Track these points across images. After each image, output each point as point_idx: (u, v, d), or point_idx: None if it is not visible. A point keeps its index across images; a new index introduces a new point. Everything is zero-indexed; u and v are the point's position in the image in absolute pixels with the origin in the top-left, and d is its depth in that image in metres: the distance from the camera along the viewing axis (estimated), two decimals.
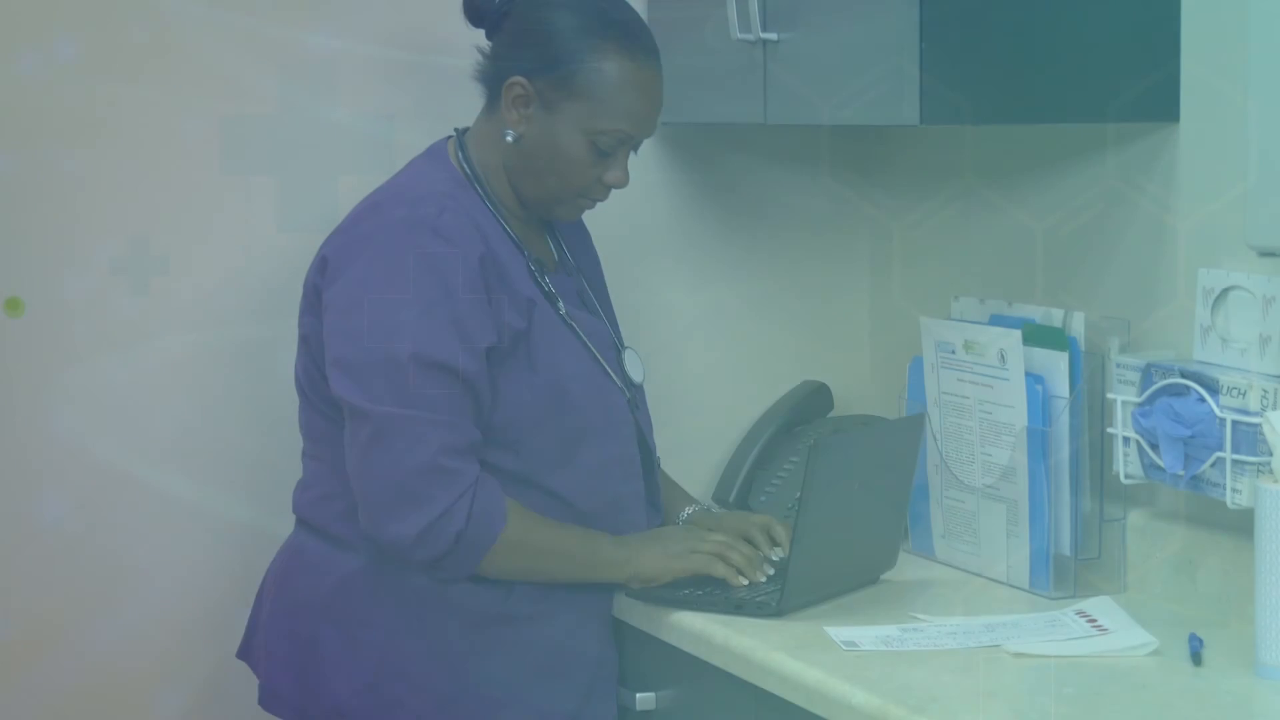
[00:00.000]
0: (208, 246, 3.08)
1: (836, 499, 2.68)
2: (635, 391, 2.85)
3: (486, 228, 2.69)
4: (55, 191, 3.00)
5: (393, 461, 2.58)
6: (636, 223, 3.25)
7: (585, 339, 2.77)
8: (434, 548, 2.59)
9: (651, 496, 2.86)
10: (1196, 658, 2.46)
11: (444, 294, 2.61)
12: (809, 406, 3.34)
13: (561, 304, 2.76)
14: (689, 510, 2.94)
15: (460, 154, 2.78)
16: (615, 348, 2.84)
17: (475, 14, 2.79)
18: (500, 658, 2.70)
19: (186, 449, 3.09)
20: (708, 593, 2.72)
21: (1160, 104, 2.75)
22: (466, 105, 2.84)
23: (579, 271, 2.91)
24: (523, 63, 2.70)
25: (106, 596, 3.06)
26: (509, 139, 2.72)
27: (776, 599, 2.67)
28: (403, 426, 2.58)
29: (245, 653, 2.87)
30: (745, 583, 2.72)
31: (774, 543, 2.83)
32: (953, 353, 2.93)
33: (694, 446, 3.32)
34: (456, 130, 2.83)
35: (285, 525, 2.93)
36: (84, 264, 3.02)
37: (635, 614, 2.78)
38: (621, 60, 2.69)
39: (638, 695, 2.80)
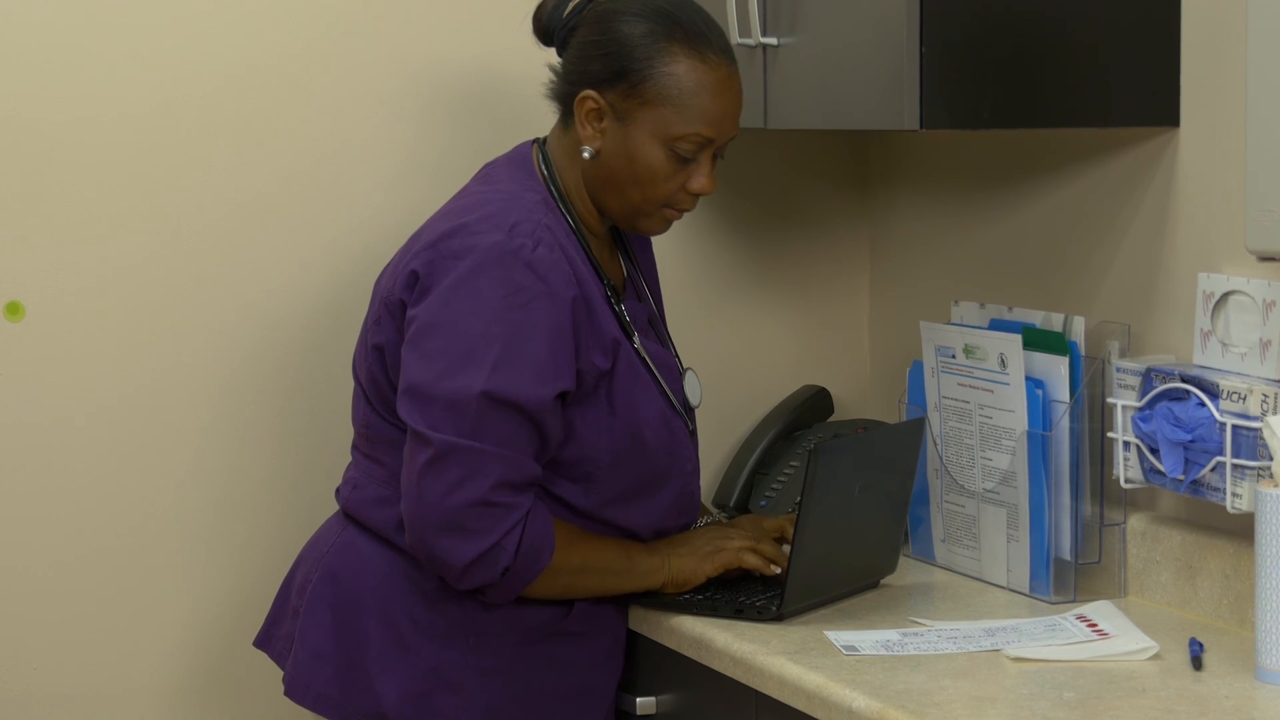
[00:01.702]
0: (216, 249, 3.08)
1: (837, 503, 2.68)
2: (691, 416, 2.84)
3: (572, 254, 2.63)
4: (62, 195, 3.01)
5: (446, 490, 2.55)
6: None
7: (657, 374, 2.73)
8: (481, 578, 2.58)
9: None
10: (1197, 662, 2.46)
11: (527, 332, 2.56)
12: (809, 411, 3.34)
13: (636, 336, 2.72)
14: (704, 520, 2.94)
15: (545, 167, 2.73)
16: (679, 375, 2.81)
17: (544, 33, 2.74)
18: (547, 674, 2.69)
19: (196, 448, 3.09)
20: (708, 597, 2.72)
21: (1160, 109, 2.75)
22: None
23: (646, 288, 2.89)
24: (592, 76, 2.65)
25: (115, 595, 3.07)
26: (586, 155, 2.66)
27: (777, 603, 2.67)
28: (462, 457, 2.54)
29: (265, 642, 2.84)
30: (777, 571, 2.72)
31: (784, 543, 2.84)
32: (953, 357, 2.93)
33: None
34: (538, 140, 2.78)
35: (296, 523, 2.94)
36: (90, 266, 3.02)
37: (636, 619, 2.78)
38: (692, 62, 2.63)
39: (638, 700, 2.80)
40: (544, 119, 2.77)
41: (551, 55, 2.75)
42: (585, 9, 2.69)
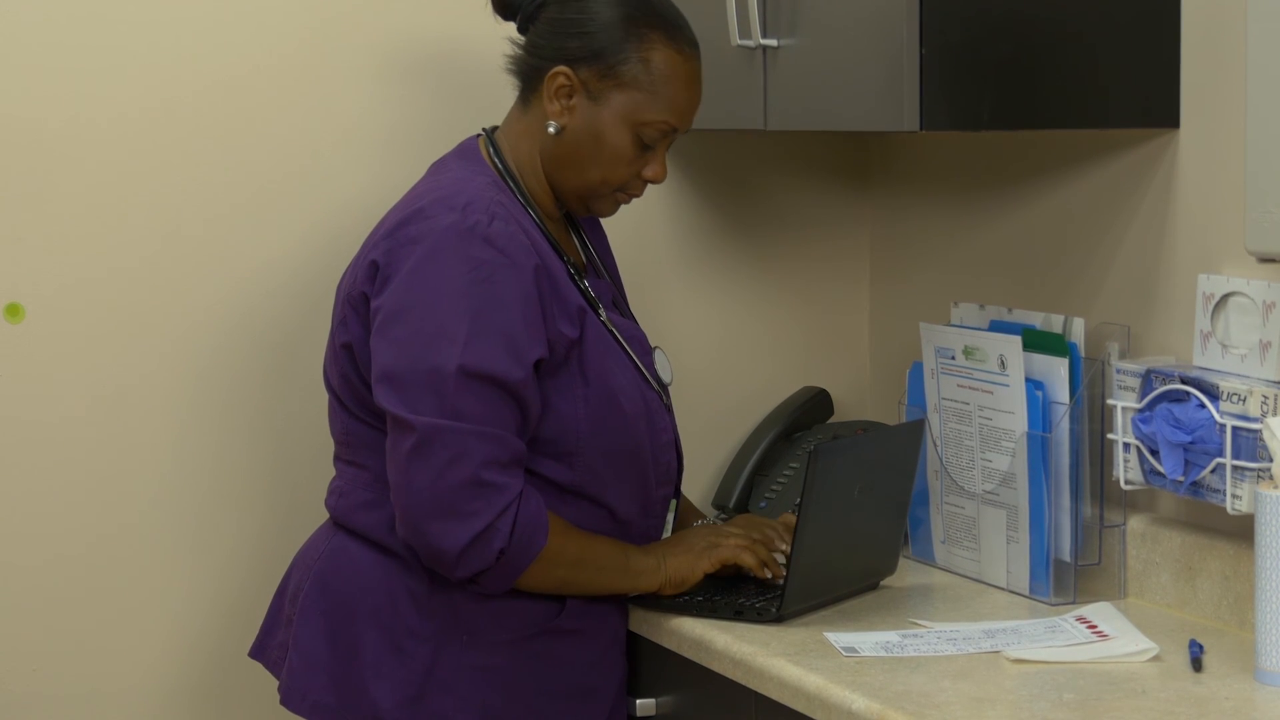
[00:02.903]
0: (215, 249, 3.08)
1: (836, 505, 2.68)
2: (665, 392, 2.84)
3: (534, 235, 2.65)
4: (61, 196, 3.00)
5: (435, 474, 2.55)
6: (636, 227, 3.25)
7: (626, 346, 2.75)
8: (476, 563, 2.57)
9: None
10: (1196, 663, 2.46)
11: (495, 304, 2.57)
12: (809, 412, 3.34)
13: (601, 310, 2.73)
14: (697, 524, 2.93)
15: (492, 152, 2.75)
16: (649, 350, 2.82)
17: (505, 8, 2.75)
18: (543, 673, 2.68)
19: (194, 451, 3.09)
20: (708, 598, 2.72)
21: (1160, 110, 2.75)
22: (479, 112, 2.84)
23: (605, 273, 2.90)
24: (566, 53, 2.67)
25: (113, 599, 3.07)
26: (551, 130, 2.68)
27: (777, 605, 2.67)
28: (447, 438, 2.54)
29: (260, 651, 2.84)
30: (769, 575, 2.72)
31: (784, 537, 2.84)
32: (952, 358, 2.93)
33: (693, 452, 3.31)
34: (485, 130, 2.80)
35: (295, 526, 2.93)
36: (89, 267, 3.02)
37: (635, 620, 2.78)
38: (669, 52, 2.67)
39: (638, 701, 2.80)
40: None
41: (510, 29, 2.77)
42: None
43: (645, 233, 3.31)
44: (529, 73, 2.72)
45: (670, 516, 2.83)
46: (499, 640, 2.66)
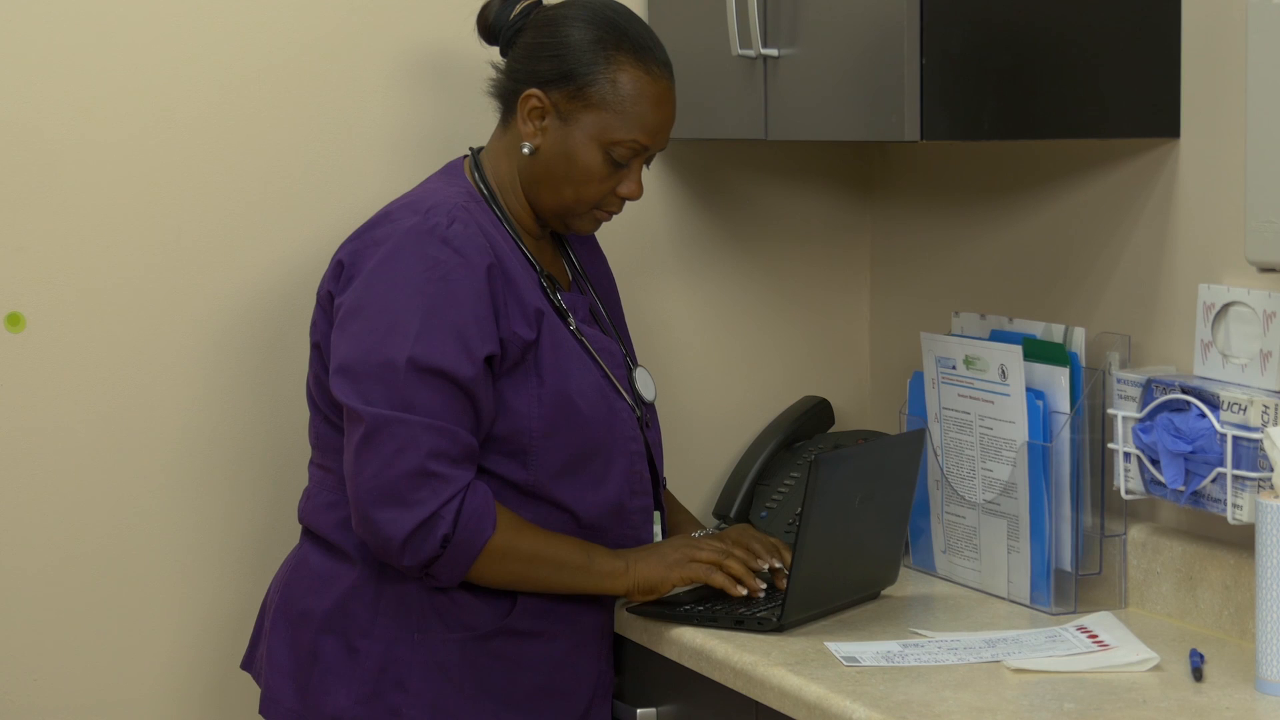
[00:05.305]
0: (215, 258, 3.08)
1: (837, 514, 2.68)
2: (646, 410, 2.85)
3: (498, 241, 2.70)
4: (62, 205, 3.00)
5: (383, 463, 2.59)
6: (637, 237, 3.25)
7: (595, 354, 2.77)
8: (421, 551, 2.60)
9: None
10: (1197, 673, 2.46)
11: (448, 302, 2.62)
12: (810, 422, 3.34)
13: (572, 319, 2.76)
14: (696, 534, 2.94)
15: (475, 171, 2.80)
16: (627, 365, 2.84)
17: (489, 32, 2.82)
18: (500, 673, 2.70)
19: (194, 458, 3.09)
20: (708, 608, 2.72)
21: (1161, 120, 2.75)
22: (484, 121, 2.86)
23: (592, 290, 2.92)
24: (539, 76, 2.73)
25: (113, 608, 3.06)
26: (525, 151, 2.74)
27: (777, 614, 2.67)
28: (395, 429, 2.59)
29: (248, 663, 2.88)
30: (743, 593, 2.72)
31: (777, 559, 2.84)
32: (953, 368, 2.93)
33: (695, 461, 3.32)
34: (472, 149, 2.85)
35: (292, 536, 2.94)
36: (90, 277, 3.02)
37: (635, 629, 2.78)
38: (636, 72, 2.71)
39: (638, 711, 2.80)
40: None
41: (494, 54, 2.81)
42: (533, 12, 2.78)
43: (647, 242, 3.31)
44: (507, 95, 2.78)
45: (656, 528, 2.83)
46: (450, 639, 2.68)
